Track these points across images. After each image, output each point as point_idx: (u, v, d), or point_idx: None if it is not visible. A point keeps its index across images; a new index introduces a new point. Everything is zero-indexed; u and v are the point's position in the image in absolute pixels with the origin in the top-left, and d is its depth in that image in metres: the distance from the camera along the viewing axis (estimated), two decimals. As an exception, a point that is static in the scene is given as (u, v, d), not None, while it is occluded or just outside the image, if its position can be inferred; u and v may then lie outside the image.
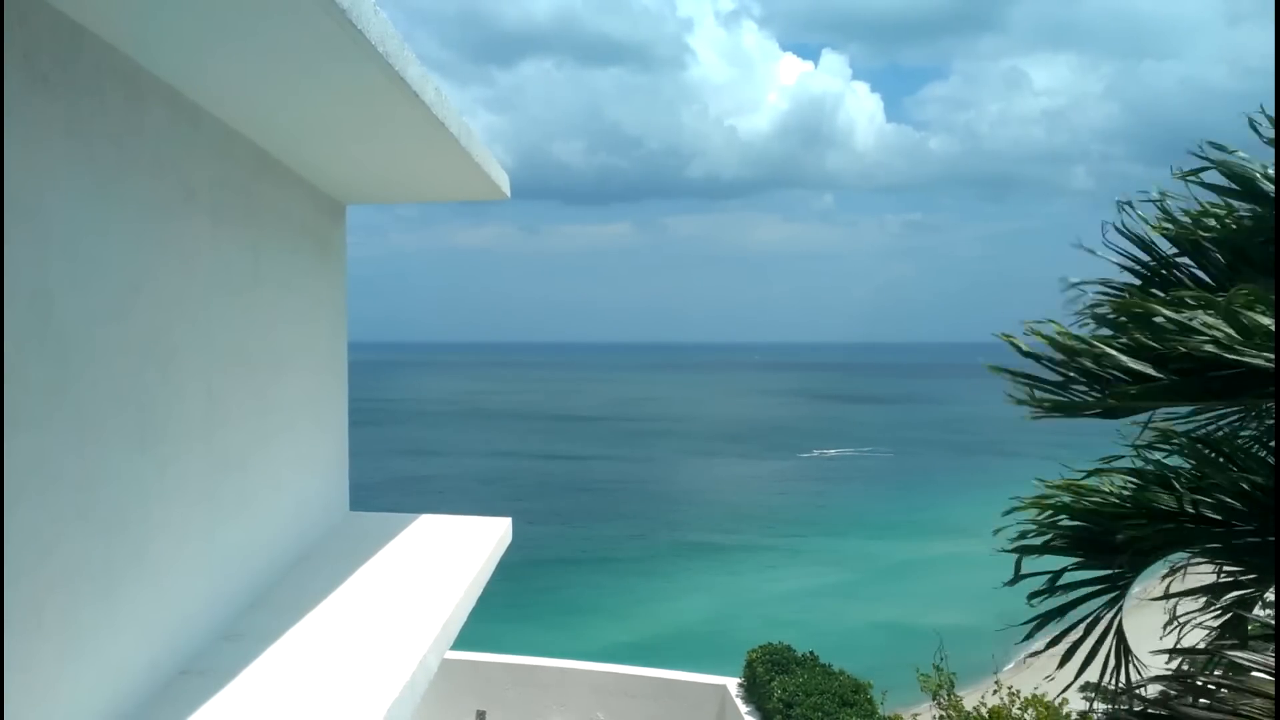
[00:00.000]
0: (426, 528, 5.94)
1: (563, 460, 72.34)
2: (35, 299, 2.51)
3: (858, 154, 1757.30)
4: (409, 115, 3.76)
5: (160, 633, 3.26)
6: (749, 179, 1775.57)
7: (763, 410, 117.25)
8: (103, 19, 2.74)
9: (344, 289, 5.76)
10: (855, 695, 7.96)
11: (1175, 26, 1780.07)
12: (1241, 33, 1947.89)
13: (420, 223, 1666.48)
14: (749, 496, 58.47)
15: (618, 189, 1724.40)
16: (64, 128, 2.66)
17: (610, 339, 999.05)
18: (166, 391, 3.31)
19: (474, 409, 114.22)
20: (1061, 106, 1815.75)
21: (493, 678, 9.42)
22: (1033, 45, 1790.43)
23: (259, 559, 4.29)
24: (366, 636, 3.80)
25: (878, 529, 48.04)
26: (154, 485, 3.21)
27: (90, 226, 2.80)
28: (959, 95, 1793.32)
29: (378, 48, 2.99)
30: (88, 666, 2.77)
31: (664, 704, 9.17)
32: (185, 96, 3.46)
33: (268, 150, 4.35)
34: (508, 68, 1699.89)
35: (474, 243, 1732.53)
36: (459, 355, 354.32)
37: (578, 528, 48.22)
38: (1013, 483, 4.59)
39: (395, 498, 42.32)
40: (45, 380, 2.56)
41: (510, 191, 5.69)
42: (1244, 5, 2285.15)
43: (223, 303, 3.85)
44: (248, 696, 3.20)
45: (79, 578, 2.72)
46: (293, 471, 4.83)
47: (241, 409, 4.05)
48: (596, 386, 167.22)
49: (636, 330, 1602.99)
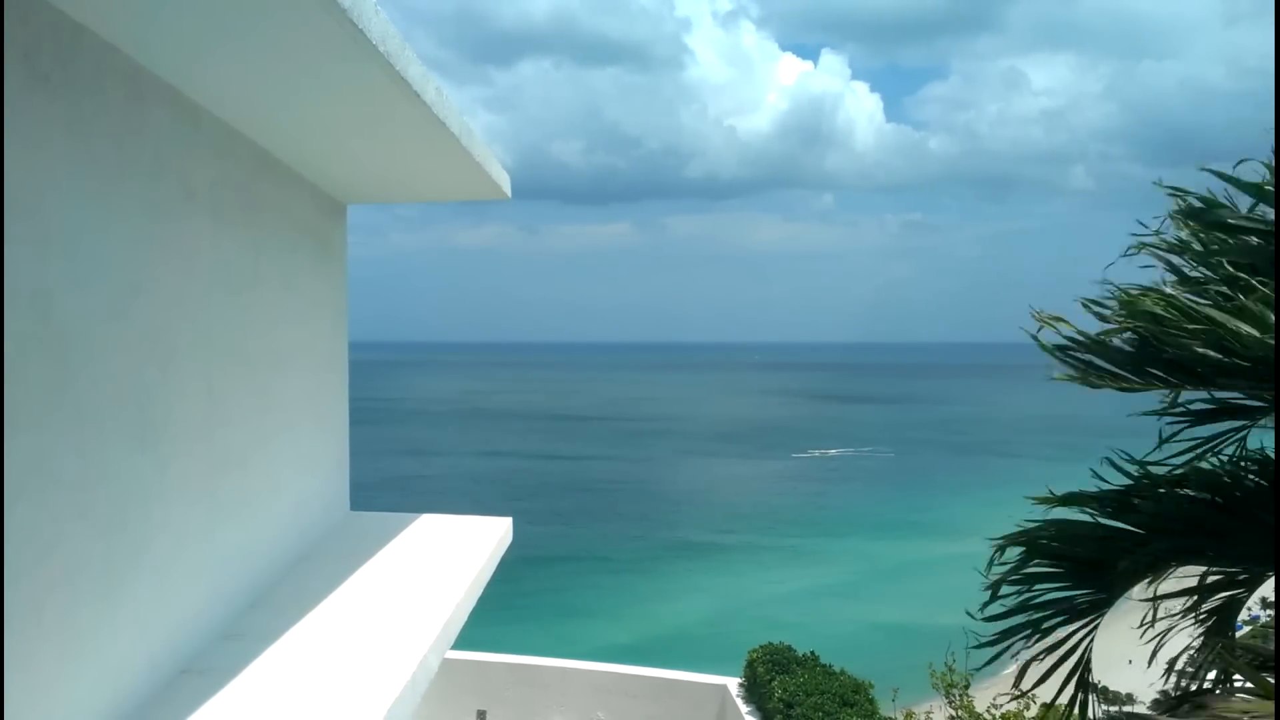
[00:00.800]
0: (427, 527, 5.94)
1: (562, 460, 72.30)
2: (35, 298, 2.51)
3: (857, 154, 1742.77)
4: (410, 115, 3.76)
5: (160, 632, 3.25)
6: (748, 179, 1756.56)
7: (763, 410, 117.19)
8: (104, 18, 2.73)
9: (345, 288, 5.76)
10: (856, 695, 7.96)
11: (1174, 26, 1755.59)
12: (1239, 33, 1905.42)
13: (420, 222, 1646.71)
14: (749, 496, 58.45)
15: (617, 189, 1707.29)
16: (64, 127, 2.66)
17: (610, 339, 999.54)
18: (167, 391, 3.31)
19: (474, 409, 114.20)
20: (1061, 106, 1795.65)
21: (493, 677, 9.42)
22: (1031, 46, 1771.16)
23: (259, 558, 4.29)
24: (367, 636, 3.79)
25: (878, 529, 48.01)
26: (154, 485, 3.21)
27: (91, 226, 2.80)
28: (958, 95, 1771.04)
29: (379, 47, 2.99)
30: (88, 666, 2.77)
31: (664, 704, 9.17)
32: (186, 96, 3.45)
33: (268, 150, 4.34)
34: (505, 67, 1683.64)
35: (474, 242, 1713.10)
36: (458, 355, 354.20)
37: (578, 527, 48.19)
38: (1013, 483, 4.60)
39: (395, 497, 42.29)
40: (45, 379, 2.56)
41: (511, 191, 5.69)
42: (1241, 5, 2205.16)
43: (223, 302, 3.84)
44: (248, 696, 3.20)
45: (79, 577, 2.72)
46: (293, 471, 4.83)
47: (242, 408, 4.04)
48: (596, 386, 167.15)
49: (636, 330, 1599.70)
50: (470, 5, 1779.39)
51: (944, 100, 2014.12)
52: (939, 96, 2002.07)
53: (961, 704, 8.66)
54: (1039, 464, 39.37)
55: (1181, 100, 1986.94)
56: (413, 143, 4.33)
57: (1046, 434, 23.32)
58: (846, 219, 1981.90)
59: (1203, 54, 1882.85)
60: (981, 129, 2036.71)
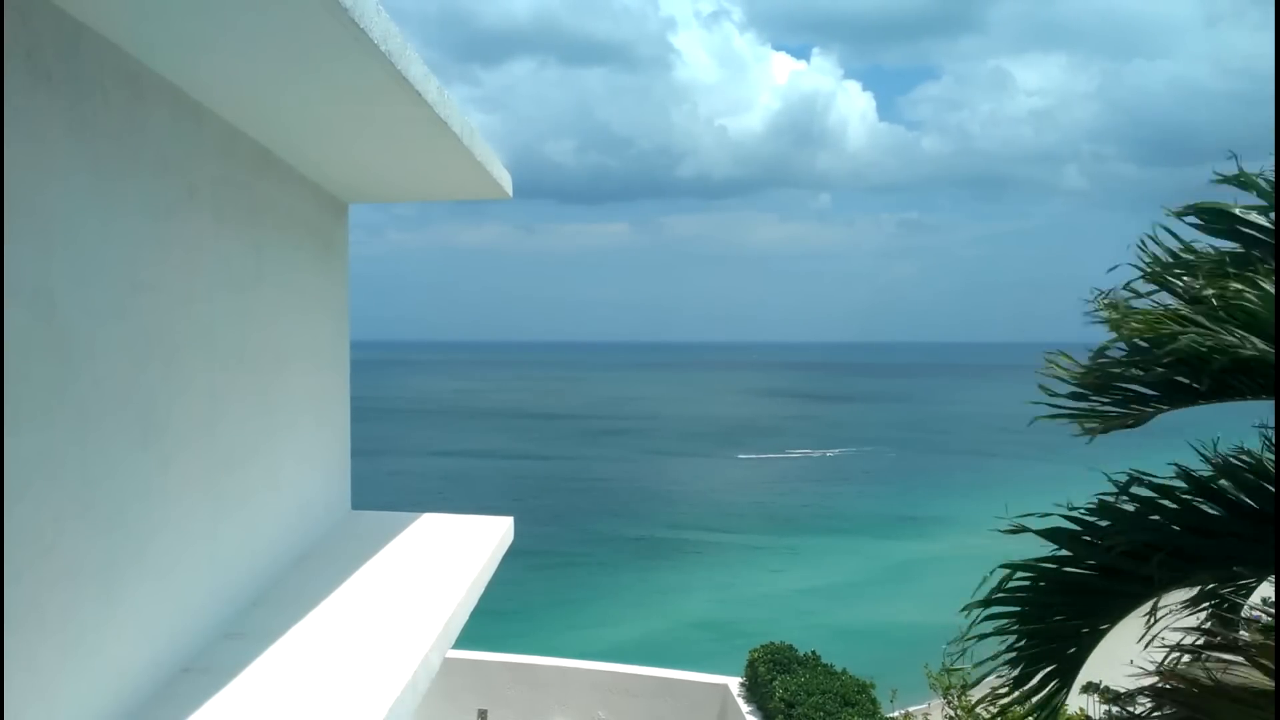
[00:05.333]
0: (428, 527, 5.94)
1: (562, 460, 72.38)
2: (37, 297, 2.51)
3: (850, 154, 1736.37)
4: (411, 114, 3.76)
5: (162, 630, 3.25)
6: (742, 178, 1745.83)
7: (763, 410, 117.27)
8: (105, 17, 2.73)
9: (346, 287, 5.76)
10: (857, 695, 7.96)
11: (1163, 26, 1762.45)
12: (1223, 33, 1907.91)
13: (418, 221, 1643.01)
14: (750, 496, 58.48)
15: (611, 188, 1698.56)
16: (66, 126, 2.66)
17: (609, 338, 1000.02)
18: (168, 389, 3.31)
19: (474, 408, 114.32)
20: (1052, 107, 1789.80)
21: (494, 676, 9.43)
22: (1014, 46, 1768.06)
23: (261, 557, 4.29)
24: (368, 635, 3.80)
25: (879, 529, 48.05)
26: (156, 483, 3.21)
27: (92, 224, 2.80)
28: (950, 96, 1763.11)
29: (380, 46, 2.99)
30: (89, 664, 2.77)
31: (665, 703, 9.18)
32: (188, 95, 3.46)
33: (270, 149, 4.34)
34: (491, 67, 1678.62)
35: (472, 242, 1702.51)
36: (458, 354, 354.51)
37: (578, 527, 48.23)
38: (1012, 482, 4.60)
39: (394, 497, 42.30)
40: (47, 378, 2.56)
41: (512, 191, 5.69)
42: (1220, 6, 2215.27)
43: (225, 301, 3.85)
44: (250, 695, 3.20)
45: (81, 575, 2.72)
46: (295, 469, 4.84)
47: (243, 407, 4.05)
48: (596, 386, 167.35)
49: (635, 329, 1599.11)
50: (454, 6, 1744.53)
51: (937, 100, 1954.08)
52: (931, 97, 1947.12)
53: (960, 704, 8.66)
54: (1039, 464, 39.52)
55: (1171, 100, 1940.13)
56: (414, 142, 4.33)
57: (1044, 433, 23.41)
58: (843, 218, 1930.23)
59: (1191, 54, 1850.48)
60: (974, 129, 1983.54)
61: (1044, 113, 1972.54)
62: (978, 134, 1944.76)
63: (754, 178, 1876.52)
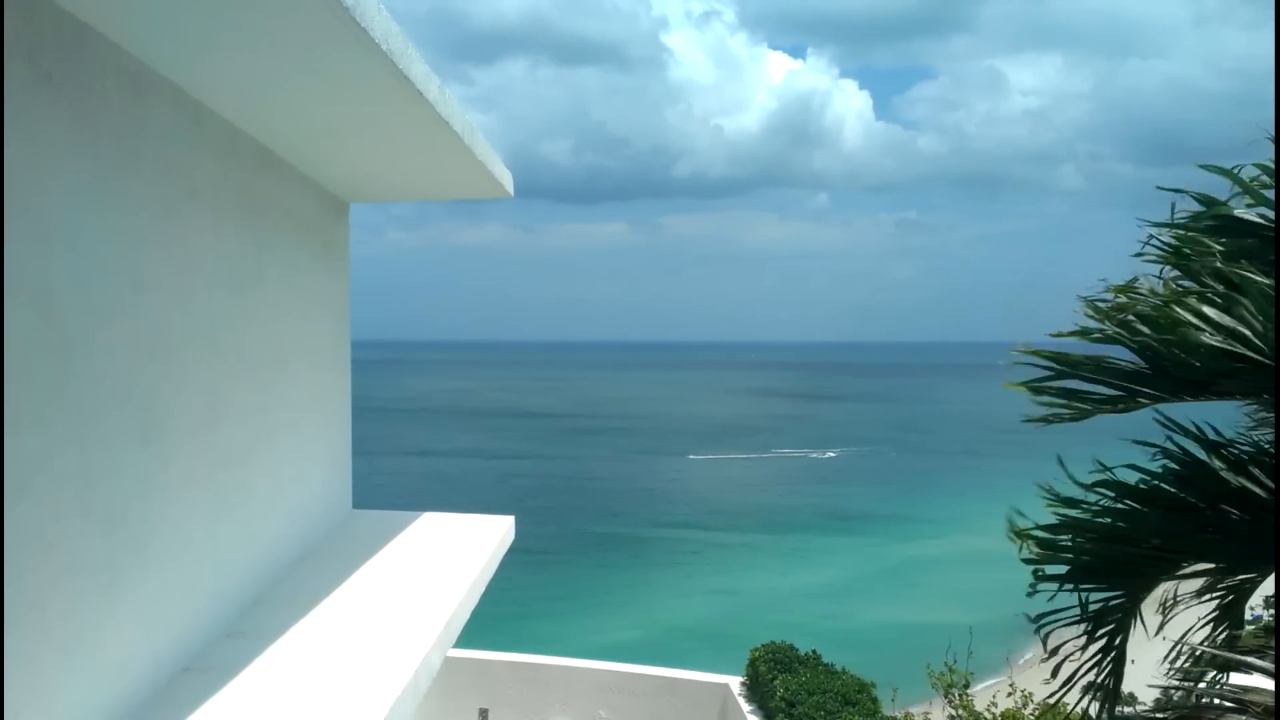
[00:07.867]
0: (429, 526, 5.94)
1: (562, 460, 72.30)
2: (37, 296, 2.51)
3: (847, 153, 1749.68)
4: (413, 113, 3.76)
5: (163, 630, 3.25)
6: (741, 178, 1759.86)
7: (761, 410, 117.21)
8: (106, 17, 2.73)
9: (347, 286, 5.76)
10: (858, 694, 7.96)
11: (1157, 26, 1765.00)
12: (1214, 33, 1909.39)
13: (417, 221, 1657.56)
14: (750, 496, 58.45)
15: (609, 188, 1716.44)
16: (67, 125, 2.66)
17: (608, 338, 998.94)
18: (169, 388, 3.31)
19: (472, 408, 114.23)
20: (1047, 106, 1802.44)
21: (495, 676, 9.42)
22: (1007, 47, 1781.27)
23: (262, 556, 4.29)
24: (369, 634, 3.80)
25: (879, 528, 48.04)
26: (156, 482, 3.21)
27: (93, 223, 2.80)
28: (946, 95, 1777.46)
29: (381, 45, 2.98)
30: (90, 663, 2.77)
31: (666, 702, 9.18)
32: (188, 94, 3.45)
33: (271, 148, 4.34)
34: (484, 66, 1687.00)
35: (471, 241, 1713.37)
36: (456, 354, 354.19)
37: (578, 526, 48.19)
38: (1012, 481, 4.59)
39: (394, 496, 42.28)
40: (47, 377, 2.56)
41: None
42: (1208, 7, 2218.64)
43: (225, 300, 3.84)
44: (250, 694, 3.20)
45: (81, 574, 2.72)
46: (295, 469, 4.83)
47: (244, 406, 4.04)
48: (594, 385, 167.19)
49: (634, 329, 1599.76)
50: (444, 6, 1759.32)
51: (933, 100, 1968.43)
52: (927, 96, 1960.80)
53: (961, 704, 8.66)
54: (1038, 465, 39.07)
55: (1167, 100, 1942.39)
56: (416, 142, 4.33)
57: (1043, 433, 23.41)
58: (841, 218, 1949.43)
59: (1186, 54, 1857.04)
60: (970, 129, 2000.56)
61: (1039, 113, 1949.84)
62: (974, 134, 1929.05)
63: (751, 177, 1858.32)
